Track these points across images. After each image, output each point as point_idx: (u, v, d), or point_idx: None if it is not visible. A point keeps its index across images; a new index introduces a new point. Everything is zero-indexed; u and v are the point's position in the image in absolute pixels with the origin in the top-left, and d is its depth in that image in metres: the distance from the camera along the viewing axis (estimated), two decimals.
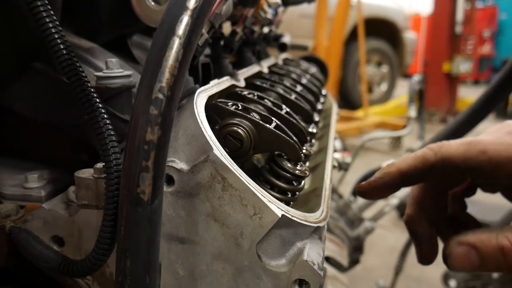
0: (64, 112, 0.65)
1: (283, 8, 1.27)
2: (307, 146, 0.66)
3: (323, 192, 0.57)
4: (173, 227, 0.48)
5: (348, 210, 1.64)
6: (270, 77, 0.85)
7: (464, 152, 0.46)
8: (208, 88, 0.55)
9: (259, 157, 0.58)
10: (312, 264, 0.45)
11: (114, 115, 0.59)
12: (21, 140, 0.75)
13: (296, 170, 0.51)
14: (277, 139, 0.49)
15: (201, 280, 0.49)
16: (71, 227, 0.53)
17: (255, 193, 0.45)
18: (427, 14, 9.80)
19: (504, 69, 1.03)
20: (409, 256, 1.92)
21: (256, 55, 1.22)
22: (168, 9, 0.38)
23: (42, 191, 0.63)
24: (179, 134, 0.47)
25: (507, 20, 10.40)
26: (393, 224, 2.98)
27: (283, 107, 0.59)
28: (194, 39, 0.38)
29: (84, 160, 0.68)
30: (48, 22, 0.47)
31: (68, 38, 0.50)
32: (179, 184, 0.47)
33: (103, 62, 0.67)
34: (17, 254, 0.55)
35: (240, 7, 0.79)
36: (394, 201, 1.73)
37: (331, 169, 0.71)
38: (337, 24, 4.44)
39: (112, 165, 0.45)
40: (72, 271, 0.49)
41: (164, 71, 0.36)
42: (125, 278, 0.38)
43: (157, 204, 0.38)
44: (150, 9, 0.60)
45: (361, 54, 5.00)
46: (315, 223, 0.46)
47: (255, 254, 0.46)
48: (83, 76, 0.49)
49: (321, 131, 1.01)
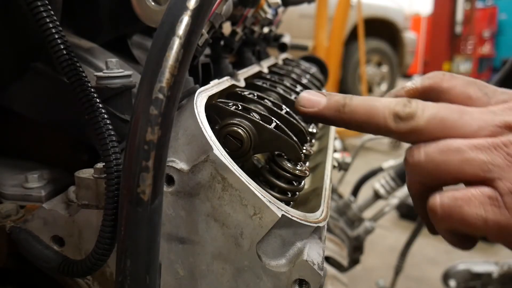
0: (64, 112, 0.65)
1: (283, 8, 1.27)
2: (307, 146, 0.66)
3: (323, 192, 0.57)
4: (173, 227, 0.48)
5: (348, 210, 1.64)
6: (270, 77, 0.85)
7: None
8: (208, 88, 0.55)
9: (259, 157, 0.58)
10: (312, 264, 0.45)
11: (114, 115, 0.59)
12: (21, 140, 0.75)
13: (296, 170, 0.51)
14: (277, 139, 0.49)
15: (201, 280, 0.49)
16: (71, 227, 0.53)
17: (255, 193, 0.45)
18: (427, 14, 9.81)
19: (504, 69, 1.03)
20: (409, 256, 1.93)
21: (256, 55, 1.22)
22: (168, 9, 0.38)
23: (42, 191, 0.63)
24: (179, 134, 0.47)
25: (507, 20, 10.39)
26: (393, 224, 2.98)
27: (283, 107, 0.59)
28: (194, 39, 0.38)
29: (84, 160, 0.68)
30: (48, 22, 0.48)
31: (68, 38, 0.50)
32: (179, 184, 0.47)
33: (103, 62, 0.67)
34: (17, 254, 0.55)
35: (240, 7, 0.79)
36: (394, 201, 1.73)
37: (331, 169, 0.71)
38: (337, 24, 4.44)
39: (112, 165, 0.45)
40: (72, 271, 0.49)
41: (164, 71, 0.36)
42: (125, 278, 0.38)
43: (157, 204, 0.38)
44: (150, 9, 0.60)
45: (361, 54, 5.00)
46: (315, 223, 0.46)
47: (255, 254, 0.46)
48: (83, 76, 0.49)
49: (321, 131, 1.01)
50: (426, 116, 0.43)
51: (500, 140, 0.41)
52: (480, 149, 0.41)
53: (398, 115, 0.44)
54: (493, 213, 0.40)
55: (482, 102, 0.46)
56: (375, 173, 1.76)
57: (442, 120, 0.43)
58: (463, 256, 2.17)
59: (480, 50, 9.36)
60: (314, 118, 0.50)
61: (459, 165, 0.41)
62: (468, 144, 0.41)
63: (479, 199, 0.41)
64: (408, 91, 0.51)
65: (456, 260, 2.10)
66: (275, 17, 1.20)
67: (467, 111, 0.43)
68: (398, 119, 0.44)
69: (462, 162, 0.41)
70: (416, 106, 0.44)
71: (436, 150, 0.42)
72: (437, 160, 0.42)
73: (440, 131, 0.43)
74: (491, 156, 0.40)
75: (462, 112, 0.43)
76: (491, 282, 1.92)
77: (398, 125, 0.44)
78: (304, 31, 4.84)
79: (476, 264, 2.01)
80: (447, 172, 0.42)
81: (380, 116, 0.45)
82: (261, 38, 1.22)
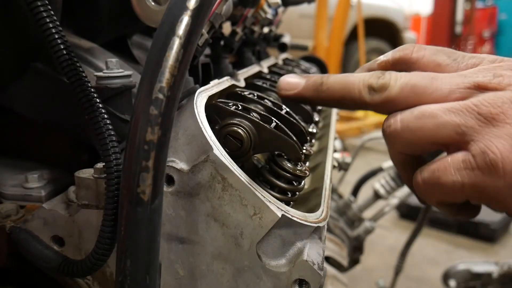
0: (64, 112, 0.65)
1: (283, 8, 1.27)
2: (307, 146, 0.66)
3: (323, 192, 0.57)
4: (173, 227, 0.48)
5: (348, 210, 1.64)
6: (270, 77, 0.85)
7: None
8: (208, 88, 0.55)
9: (259, 157, 0.58)
10: (312, 264, 0.45)
11: (114, 115, 0.59)
12: (21, 140, 0.75)
13: (296, 170, 0.51)
14: (277, 139, 0.49)
15: (201, 280, 0.49)
16: (71, 227, 0.53)
17: (255, 193, 0.45)
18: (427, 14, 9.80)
19: None
20: (409, 256, 1.93)
21: (256, 55, 1.22)
22: (168, 9, 0.38)
23: (42, 191, 0.63)
24: (179, 134, 0.47)
25: (507, 20, 10.39)
26: (393, 224, 2.98)
27: (283, 107, 0.59)
28: (194, 39, 0.38)
29: (84, 160, 0.68)
30: (48, 22, 0.48)
31: (68, 38, 0.50)
32: (179, 184, 0.47)
33: (103, 62, 0.67)
34: (17, 254, 0.55)
35: (240, 7, 0.79)
36: (394, 201, 1.73)
37: (331, 169, 0.71)
38: (337, 24, 4.44)
39: (112, 165, 0.45)
40: (72, 271, 0.49)
41: (164, 71, 0.36)
42: (125, 278, 0.38)
43: (157, 204, 0.38)
44: (150, 9, 0.60)
45: (361, 54, 5.00)
46: (315, 223, 0.46)
47: (255, 254, 0.46)
48: (83, 76, 0.49)
49: (321, 131, 1.01)
50: (398, 85, 0.44)
51: (471, 102, 0.41)
52: (453, 112, 0.41)
53: (372, 87, 0.46)
54: (468, 176, 0.41)
55: (452, 68, 0.47)
56: (375, 173, 1.76)
57: (413, 87, 0.44)
58: (463, 256, 2.17)
59: (480, 50, 9.37)
60: (295, 100, 0.52)
61: (434, 130, 0.42)
62: (441, 108, 0.42)
63: (454, 165, 0.41)
64: (380, 64, 0.53)
65: (456, 260, 2.10)
66: (275, 17, 1.20)
67: (437, 77, 0.44)
68: (372, 91, 0.46)
69: (437, 126, 0.42)
70: (389, 77, 0.45)
71: (411, 117, 0.43)
72: (412, 126, 0.43)
73: (413, 98, 0.44)
74: (464, 118, 0.41)
75: (433, 78, 0.44)
76: (491, 282, 1.92)
77: (372, 97, 0.46)
78: (304, 31, 4.84)
79: (476, 264, 2.01)
80: (424, 137, 0.43)
81: (355, 90, 0.47)
82: (261, 38, 1.22)
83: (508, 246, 2.71)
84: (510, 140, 0.38)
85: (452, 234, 2.82)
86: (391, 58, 0.52)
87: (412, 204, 2.79)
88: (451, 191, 0.42)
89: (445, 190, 0.42)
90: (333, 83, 0.48)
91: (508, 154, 0.38)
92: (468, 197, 0.42)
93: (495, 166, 0.38)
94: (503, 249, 2.68)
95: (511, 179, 0.38)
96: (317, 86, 0.49)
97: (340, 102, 0.48)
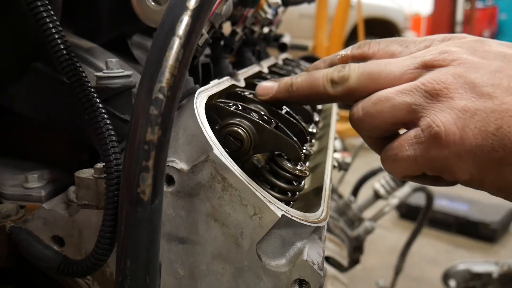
0: (64, 112, 0.65)
1: (283, 8, 1.27)
2: (307, 146, 0.66)
3: (323, 192, 0.57)
4: (173, 227, 0.48)
5: (348, 210, 1.64)
6: (270, 77, 0.85)
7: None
8: (208, 88, 0.55)
9: (259, 157, 0.58)
10: (312, 264, 0.45)
11: (114, 115, 0.59)
12: (21, 140, 0.75)
13: (296, 170, 0.51)
14: (277, 139, 0.49)
15: (201, 280, 0.49)
16: (71, 227, 0.53)
17: (255, 193, 0.45)
18: (427, 14, 9.80)
19: None
20: (409, 256, 1.93)
21: (256, 55, 1.22)
22: (168, 9, 0.38)
23: (42, 191, 0.63)
24: (179, 134, 0.47)
25: (507, 20, 10.39)
26: (393, 224, 2.98)
27: (283, 107, 0.59)
28: (194, 39, 0.38)
29: (84, 160, 0.68)
30: (48, 22, 0.47)
31: (68, 38, 0.50)
32: (179, 184, 0.47)
33: (103, 62, 0.67)
34: (17, 254, 0.55)
35: (240, 7, 0.79)
36: (394, 201, 1.73)
37: (331, 169, 0.71)
38: (337, 24, 4.43)
39: (112, 165, 0.45)
40: (72, 271, 0.49)
41: (164, 71, 0.36)
42: (125, 278, 0.38)
43: (157, 204, 0.38)
44: (150, 9, 0.60)
45: None
46: (315, 223, 0.46)
47: (255, 254, 0.46)
48: (83, 76, 0.49)
49: (321, 131, 1.01)
50: (356, 74, 0.48)
51: (419, 81, 0.44)
52: (405, 93, 0.44)
53: (333, 80, 0.49)
54: (420, 150, 0.43)
55: (405, 54, 0.50)
56: (375, 173, 1.77)
57: (370, 74, 0.47)
58: (463, 256, 2.17)
59: None
60: (272, 103, 0.55)
61: (391, 112, 0.45)
62: (394, 91, 0.45)
63: (407, 141, 0.44)
64: (341, 58, 0.56)
65: (456, 260, 2.10)
66: (275, 17, 1.20)
67: (390, 62, 0.47)
68: (335, 84, 0.49)
69: (392, 108, 0.45)
70: (347, 68, 0.49)
71: (370, 104, 0.46)
72: (372, 112, 0.46)
73: (371, 84, 0.47)
74: (413, 97, 0.44)
75: (386, 64, 0.47)
76: (491, 282, 1.92)
77: (335, 89, 0.49)
78: (304, 31, 4.84)
79: (476, 264, 2.01)
80: (383, 120, 0.46)
81: (320, 86, 0.50)
82: (261, 38, 1.22)
83: (508, 246, 2.71)
84: (452, 112, 0.41)
85: (452, 234, 2.82)
86: (350, 54, 0.55)
87: (412, 204, 2.79)
88: (408, 165, 0.45)
89: (403, 165, 0.45)
90: (301, 82, 0.52)
91: (449, 125, 0.41)
92: (423, 169, 0.45)
93: (439, 137, 0.41)
94: (503, 249, 2.68)
95: (454, 149, 0.41)
96: (287, 87, 0.53)
97: (309, 98, 0.52)
